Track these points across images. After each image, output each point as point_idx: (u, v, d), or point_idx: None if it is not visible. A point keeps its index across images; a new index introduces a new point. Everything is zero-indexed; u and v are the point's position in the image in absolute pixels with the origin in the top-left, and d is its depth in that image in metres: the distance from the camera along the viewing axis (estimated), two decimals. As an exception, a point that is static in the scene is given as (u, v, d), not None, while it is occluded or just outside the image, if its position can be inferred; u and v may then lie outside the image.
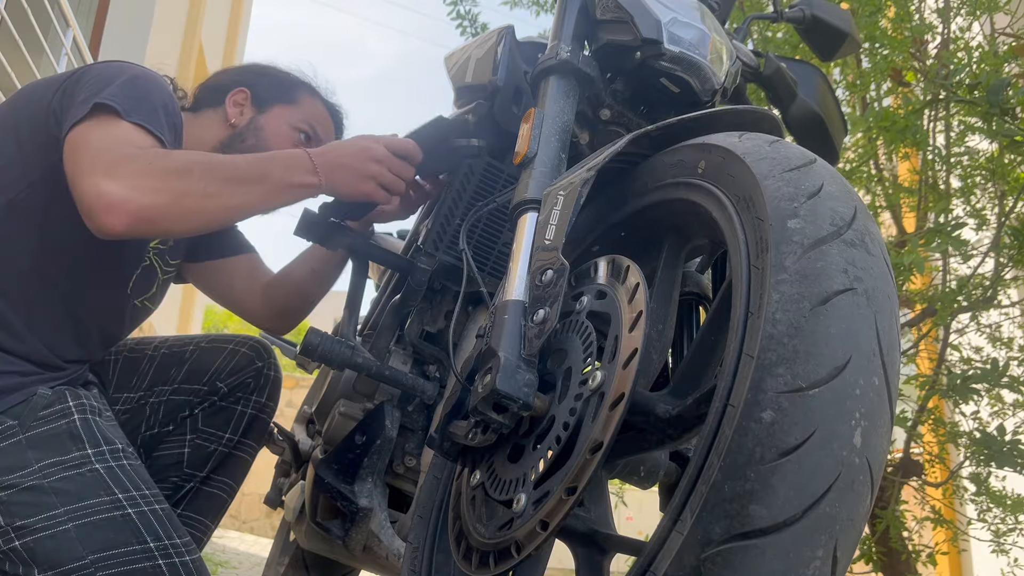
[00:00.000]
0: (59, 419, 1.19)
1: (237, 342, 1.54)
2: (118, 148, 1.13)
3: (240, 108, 1.53)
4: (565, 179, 0.99)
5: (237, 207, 1.19)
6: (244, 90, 1.54)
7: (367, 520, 1.31)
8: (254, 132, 1.51)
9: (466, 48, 1.51)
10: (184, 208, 1.13)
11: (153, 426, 1.49)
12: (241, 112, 1.53)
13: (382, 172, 1.30)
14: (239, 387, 1.51)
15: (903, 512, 3.12)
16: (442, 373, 1.42)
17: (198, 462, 1.47)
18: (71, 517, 1.11)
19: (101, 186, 1.09)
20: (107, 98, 1.18)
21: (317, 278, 1.64)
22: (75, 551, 1.10)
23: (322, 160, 1.27)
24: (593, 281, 0.94)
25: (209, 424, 1.49)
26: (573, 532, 0.92)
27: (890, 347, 0.68)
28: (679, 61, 1.17)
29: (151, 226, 1.12)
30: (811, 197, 0.74)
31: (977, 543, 3.11)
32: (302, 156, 1.26)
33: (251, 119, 1.52)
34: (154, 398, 1.50)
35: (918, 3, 3.08)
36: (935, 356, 3.16)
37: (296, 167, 1.24)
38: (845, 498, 0.63)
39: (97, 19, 5.74)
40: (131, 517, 1.14)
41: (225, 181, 1.16)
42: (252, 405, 1.52)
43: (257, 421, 1.53)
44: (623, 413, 0.75)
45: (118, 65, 1.29)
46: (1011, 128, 2.45)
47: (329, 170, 1.27)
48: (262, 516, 8.43)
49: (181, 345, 1.55)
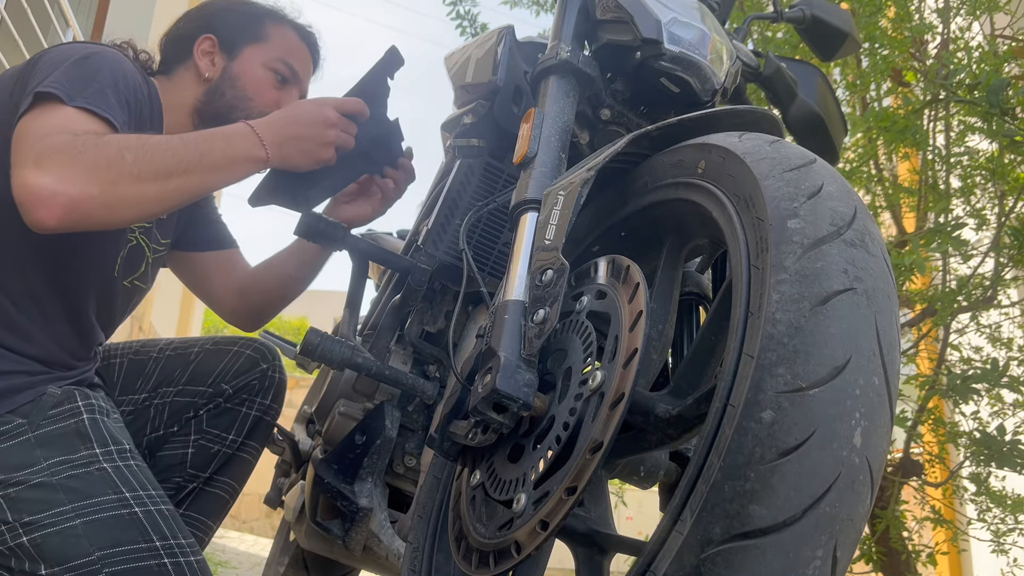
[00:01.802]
0: (68, 418, 1.19)
1: (242, 344, 1.54)
2: (50, 138, 1.09)
3: (210, 58, 1.45)
4: (565, 179, 0.99)
5: (176, 191, 1.15)
6: (210, 36, 1.46)
7: (367, 520, 1.31)
8: (230, 83, 1.44)
9: (466, 48, 1.51)
10: (118, 197, 1.09)
11: (158, 427, 1.49)
12: (212, 62, 1.45)
13: (338, 135, 1.28)
14: (244, 389, 1.51)
15: (903, 512, 3.12)
16: (442, 373, 1.42)
17: (201, 463, 1.47)
18: (78, 514, 1.12)
19: (30, 179, 1.06)
20: (49, 85, 1.15)
21: (292, 283, 1.62)
22: (82, 547, 1.10)
23: (269, 132, 1.23)
24: (593, 281, 0.94)
25: (213, 425, 1.49)
26: (573, 532, 0.92)
27: (890, 347, 0.68)
28: (679, 61, 1.17)
29: (85, 218, 1.08)
30: (811, 197, 0.74)
31: (977, 543, 3.11)
32: (245, 131, 1.22)
33: (224, 69, 1.45)
34: (159, 399, 1.50)
35: (918, 3, 3.08)
36: (935, 356, 3.16)
37: (239, 142, 1.21)
38: (845, 498, 0.63)
39: (97, 19, 5.73)
40: (138, 516, 1.14)
41: (161, 165, 1.13)
42: (256, 407, 1.51)
43: (261, 423, 1.53)
44: (623, 413, 0.75)
45: (68, 47, 1.26)
46: (1011, 128, 2.45)
47: (280, 142, 1.23)
48: (262, 516, 8.42)
49: (186, 347, 1.55)
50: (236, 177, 1.22)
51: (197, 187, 1.17)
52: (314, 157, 1.27)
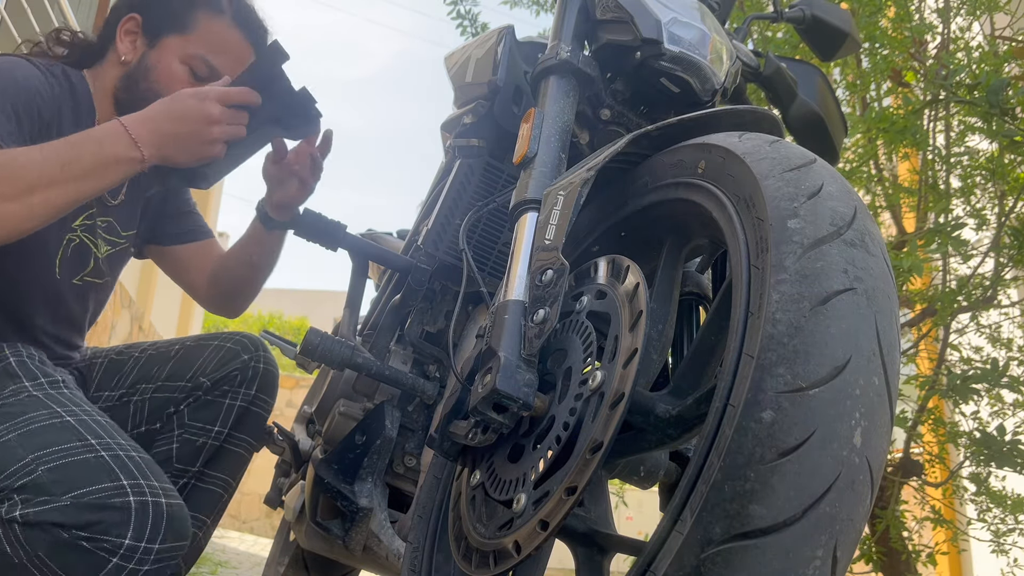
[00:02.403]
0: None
1: (223, 338, 1.51)
2: None
3: (132, 39, 1.36)
4: (565, 179, 0.99)
5: (43, 205, 1.11)
6: (135, 16, 1.37)
7: (367, 520, 1.31)
8: (144, 74, 1.35)
9: (466, 48, 1.51)
10: None
11: (139, 424, 1.47)
12: (134, 45, 1.36)
13: (224, 131, 1.22)
14: (224, 380, 1.47)
15: (903, 512, 3.12)
16: (442, 373, 1.42)
17: (188, 456, 1.44)
18: (11, 430, 1.11)
19: None
20: None
21: (255, 270, 1.60)
22: (16, 455, 1.08)
23: (145, 131, 1.17)
24: (593, 281, 0.94)
25: (196, 418, 1.46)
26: (573, 532, 0.92)
27: (890, 347, 0.68)
28: (679, 61, 1.17)
29: None
30: (811, 197, 0.74)
31: (977, 543, 3.11)
32: (118, 131, 1.17)
33: (142, 55, 1.36)
34: (137, 396, 1.48)
35: (918, 3, 3.08)
36: (935, 356, 3.16)
37: (111, 144, 1.15)
38: (845, 498, 0.63)
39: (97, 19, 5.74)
40: (71, 423, 1.13)
41: (22, 181, 1.09)
42: (241, 398, 1.48)
43: (249, 414, 1.49)
44: (623, 413, 0.75)
45: None
46: (1011, 128, 2.45)
47: (158, 142, 1.18)
48: (262, 516, 8.43)
49: (167, 345, 1.54)
50: (112, 181, 1.17)
51: (66, 198, 1.13)
52: (198, 155, 1.22)
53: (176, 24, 1.36)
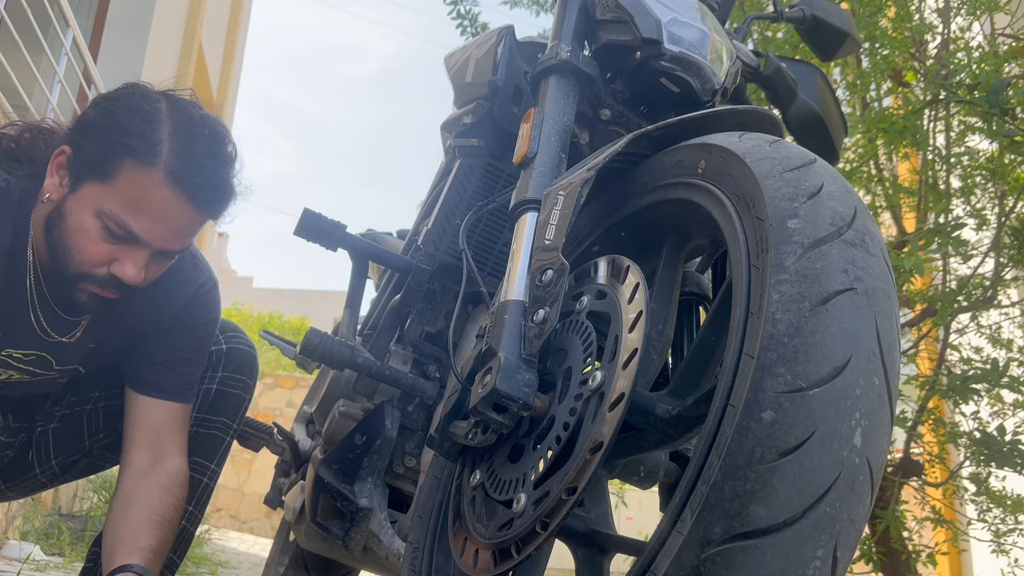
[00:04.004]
0: None
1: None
2: None
3: (60, 177, 1.17)
4: (565, 179, 0.99)
5: None
6: (65, 149, 1.17)
7: (367, 520, 1.31)
8: (58, 221, 1.16)
9: (466, 48, 1.51)
10: None
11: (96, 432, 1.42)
12: (60, 183, 1.17)
13: None
14: None
15: (903, 512, 3.12)
16: (442, 373, 1.42)
17: None
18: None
19: None
20: None
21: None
22: None
23: None
24: (593, 281, 0.94)
25: None
26: (573, 532, 0.92)
27: (890, 347, 0.68)
28: (679, 61, 1.17)
29: None
30: (811, 197, 0.74)
31: (977, 543, 3.11)
32: None
33: (63, 198, 1.17)
34: (90, 405, 1.43)
35: (918, 3, 3.08)
36: (935, 356, 3.16)
37: None
38: (845, 498, 0.63)
39: (97, 19, 5.74)
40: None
41: None
42: (217, 381, 1.41)
43: (224, 396, 1.41)
44: (623, 413, 0.75)
45: None
46: (1011, 128, 2.45)
47: None
48: (262, 516, 8.42)
49: None
50: None
51: None
52: None
53: (99, 169, 1.13)
